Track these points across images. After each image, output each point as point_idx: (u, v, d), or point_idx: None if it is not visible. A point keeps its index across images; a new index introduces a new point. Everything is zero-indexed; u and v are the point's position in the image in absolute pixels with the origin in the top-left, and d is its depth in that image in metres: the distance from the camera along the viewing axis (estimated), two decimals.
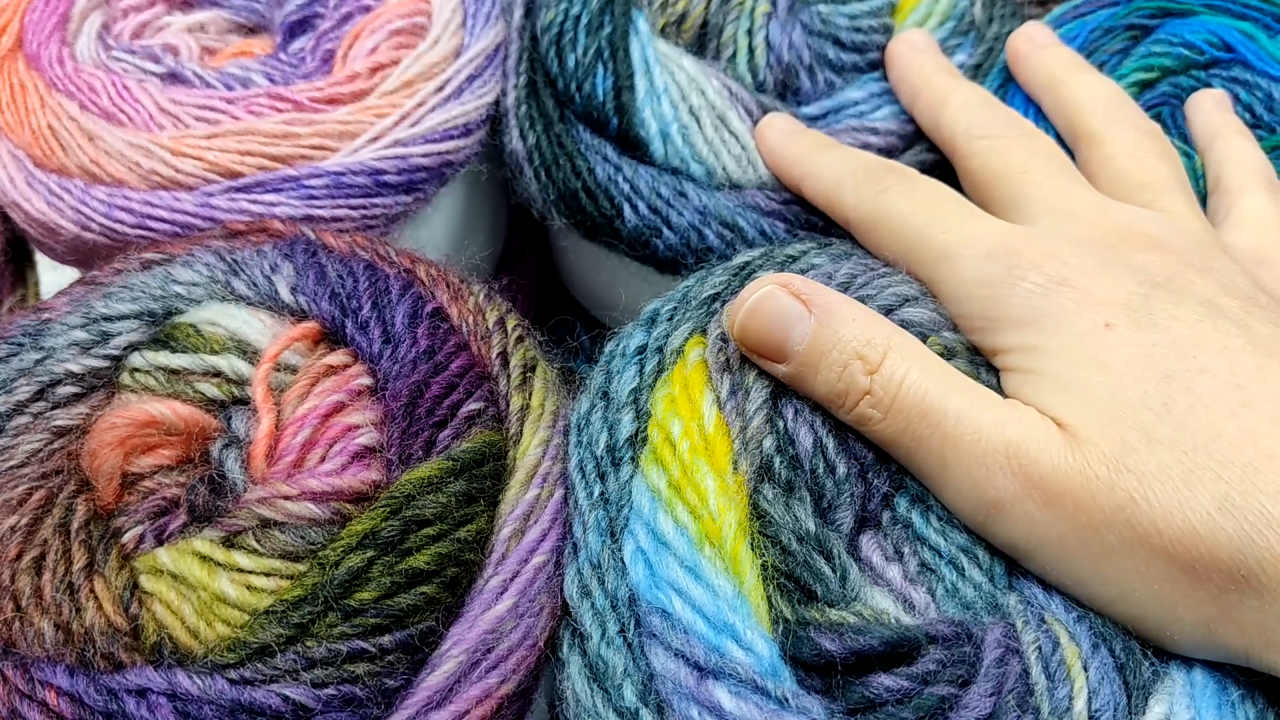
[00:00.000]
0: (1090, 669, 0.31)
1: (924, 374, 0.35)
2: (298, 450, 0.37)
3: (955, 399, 0.35)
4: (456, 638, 0.34)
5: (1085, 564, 0.33)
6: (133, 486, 0.38)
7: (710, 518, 0.34)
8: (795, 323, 0.36)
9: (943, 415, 0.34)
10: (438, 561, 0.34)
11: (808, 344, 0.36)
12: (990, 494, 0.34)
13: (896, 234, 0.41)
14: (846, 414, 0.36)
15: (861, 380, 0.35)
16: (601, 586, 0.35)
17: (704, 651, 0.32)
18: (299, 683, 0.32)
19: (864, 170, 0.44)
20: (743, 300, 0.37)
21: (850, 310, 0.37)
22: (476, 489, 0.36)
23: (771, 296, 0.37)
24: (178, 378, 0.39)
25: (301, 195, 0.48)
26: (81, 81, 0.50)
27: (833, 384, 0.36)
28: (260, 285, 0.42)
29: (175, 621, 0.34)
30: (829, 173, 0.45)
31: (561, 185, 0.50)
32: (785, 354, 0.36)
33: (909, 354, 0.36)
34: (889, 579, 0.35)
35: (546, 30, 0.53)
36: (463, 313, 0.42)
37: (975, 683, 0.31)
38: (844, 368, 0.35)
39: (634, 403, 0.38)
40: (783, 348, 0.36)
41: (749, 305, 0.37)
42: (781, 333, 0.36)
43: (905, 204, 0.42)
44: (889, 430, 0.35)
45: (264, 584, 0.34)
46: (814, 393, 0.37)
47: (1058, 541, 0.33)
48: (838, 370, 0.36)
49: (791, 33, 0.51)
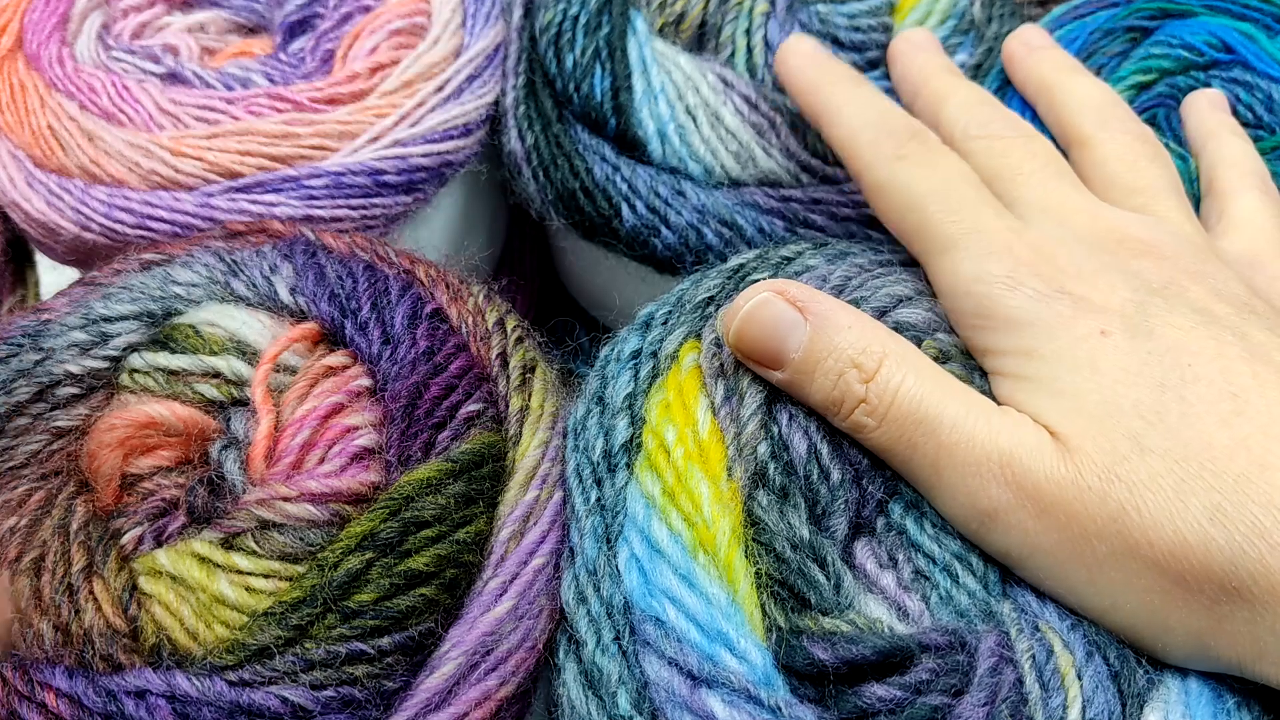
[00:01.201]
0: (1084, 678, 0.31)
1: (919, 381, 0.35)
2: (297, 451, 0.37)
3: (950, 406, 0.34)
4: (455, 639, 0.34)
5: (1078, 574, 0.33)
6: (132, 488, 0.38)
7: (704, 525, 0.34)
8: (791, 330, 0.36)
9: (937, 423, 0.34)
10: (437, 563, 0.34)
11: (803, 351, 0.36)
12: (984, 503, 0.33)
13: (905, 210, 0.40)
14: (842, 421, 0.36)
15: (856, 388, 0.35)
16: (597, 593, 0.35)
17: (697, 660, 0.32)
18: (298, 684, 0.32)
19: (886, 128, 0.43)
20: (738, 307, 0.37)
21: (847, 317, 0.36)
22: (475, 490, 0.36)
23: (767, 303, 0.36)
24: (177, 379, 0.39)
25: (301, 195, 0.48)
26: (81, 81, 0.50)
27: (828, 392, 0.35)
28: (259, 286, 0.42)
29: (174, 623, 0.34)
30: (848, 119, 0.44)
31: (560, 185, 0.50)
32: (781, 361, 0.36)
33: (905, 361, 0.35)
34: (883, 586, 0.35)
35: (545, 30, 0.52)
36: (462, 313, 0.42)
37: (969, 692, 0.31)
38: (839, 375, 0.35)
39: (629, 408, 0.38)
40: (778, 355, 0.36)
41: (745, 312, 0.37)
42: (777, 340, 0.36)
43: (921, 180, 0.40)
44: (884, 438, 0.35)
45: (263, 585, 0.34)
46: (809, 400, 0.36)
47: (1050, 551, 0.33)
48: (833, 378, 0.35)
49: (790, 32, 0.51)
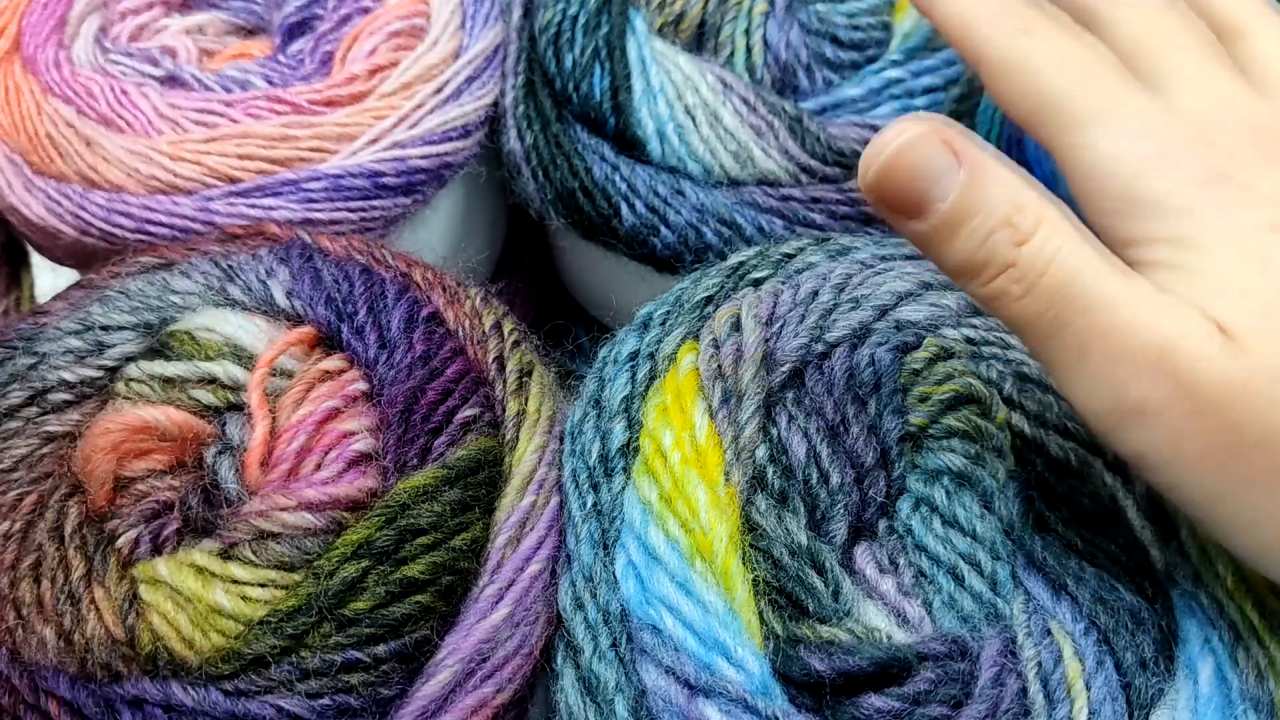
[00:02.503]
0: (1093, 688, 0.30)
1: (1078, 251, 0.31)
2: (293, 458, 0.37)
3: (1110, 285, 0.31)
4: (451, 647, 0.34)
5: (1224, 486, 0.30)
6: (125, 490, 0.37)
7: (701, 531, 0.34)
8: (943, 175, 0.32)
9: (1094, 300, 0.31)
10: (432, 570, 0.34)
11: (952, 202, 0.32)
12: (1133, 396, 0.30)
13: (1035, 86, 0.35)
14: (981, 287, 0.32)
15: (1007, 250, 0.31)
16: (594, 600, 0.34)
17: (694, 669, 0.31)
18: (293, 693, 0.32)
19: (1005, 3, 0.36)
20: (885, 141, 0.32)
21: (1004, 171, 0.32)
22: (471, 497, 0.36)
23: (920, 142, 0.32)
24: (172, 385, 0.39)
25: (300, 199, 0.47)
26: (79, 86, 0.50)
27: (972, 251, 0.32)
28: (255, 290, 0.42)
29: (171, 632, 0.34)
30: None
31: (559, 185, 0.50)
32: (924, 209, 0.32)
33: (1064, 229, 0.32)
34: (883, 592, 0.34)
35: (544, 30, 0.52)
36: (459, 316, 0.42)
37: (969, 704, 0.30)
38: (990, 234, 0.31)
39: (626, 411, 0.38)
40: (922, 202, 0.32)
41: (894, 148, 0.32)
42: (925, 184, 0.32)
43: (1053, 53, 0.35)
44: (1028, 310, 0.31)
45: (259, 594, 0.34)
46: (947, 259, 0.32)
47: (1198, 456, 0.30)
48: (981, 236, 0.31)
49: (789, 31, 0.51)
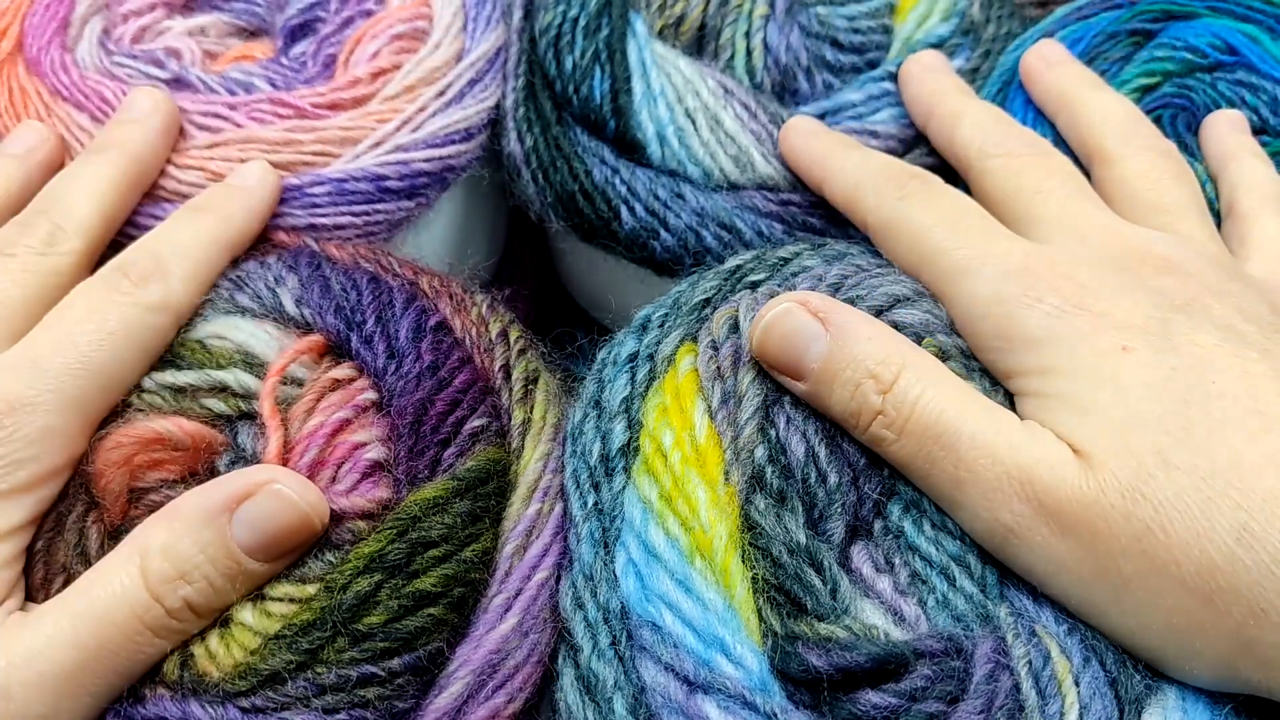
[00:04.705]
0: (1082, 684, 0.31)
1: (939, 393, 0.34)
2: (306, 471, 0.37)
3: (971, 420, 0.34)
4: (463, 658, 0.34)
5: (1104, 593, 0.32)
6: (138, 501, 0.38)
7: (701, 530, 0.34)
8: (811, 341, 0.36)
9: (957, 437, 0.34)
10: (444, 583, 0.34)
11: (823, 362, 0.35)
12: (1005, 519, 0.33)
13: (914, 244, 0.40)
14: (862, 434, 0.36)
15: (874, 399, 0.35)
16: (594, 599, 0.35)
17: (693, 665, 0.32)
18: (310, 709, 0.32)
19: (886, 174, 0.43)
20: (761, 316, 0.37)
21: (868, 329, 0.36)
22: (481, 508, 0.36)
23: (789, 314, 0.36)
24: (184, 395, 0.39)
25: (305, 204, 0.47)
26: (90, 90, 0.49)
27: (846, 403, 0.35)
28: (265, 298, 0.42)
29: (200, 649, 0.34)
30: (851, 175, 0.44)
31: (559, 187, 0.50)
32: (802, 372, 0.36)
33: (924, 373, 0.35)
34: (880, 591, 0.35)
35: (545, 33, 0.52)
36: (466, 325, 0.42)
37: (965, 700, 0.31)
38: (857, 386, 0.35)
39: (625, 412, 0.38)
40: (799, 365, 0.36)
41: (766, 321, 0.37)
42: (798, 351, 0.36)
43: (926, 214, 0.41)
44: (903, 451, 0.35)
45: (276, 608, 0.34)
46: (831, 412, 0.36)
47: (1075, 570, 0.32)
48: (850, 389, 0.35)
49: (789, 35, 0.51)
